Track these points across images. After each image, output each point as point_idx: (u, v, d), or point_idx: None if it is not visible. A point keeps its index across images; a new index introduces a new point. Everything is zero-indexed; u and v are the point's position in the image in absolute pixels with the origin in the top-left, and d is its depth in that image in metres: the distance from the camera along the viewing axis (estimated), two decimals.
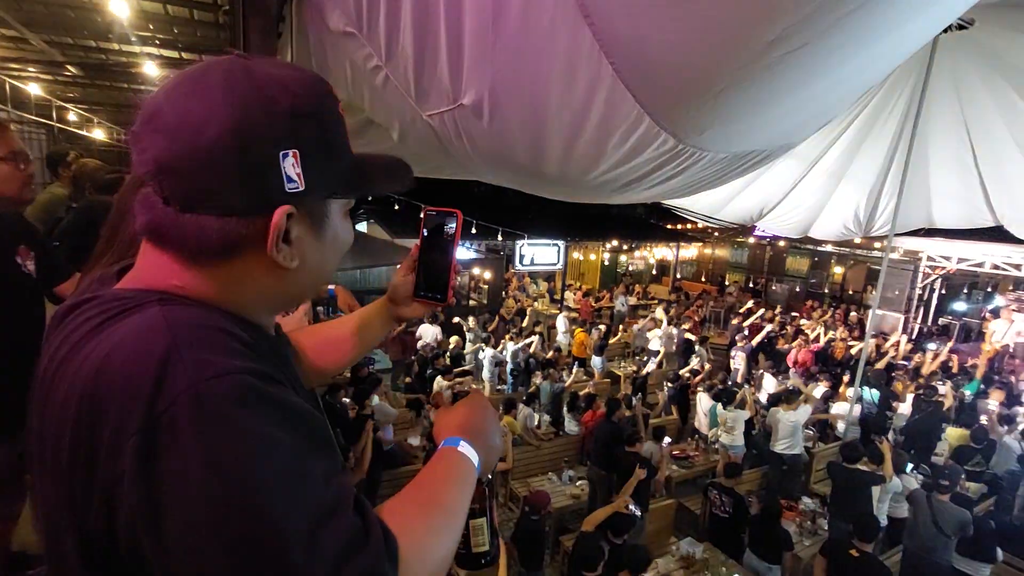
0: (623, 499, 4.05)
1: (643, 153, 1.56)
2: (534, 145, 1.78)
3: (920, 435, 6.64)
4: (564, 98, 1.47)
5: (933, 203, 8.04)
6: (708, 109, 1.32)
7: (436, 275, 0.99)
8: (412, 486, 0.71)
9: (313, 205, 0.66)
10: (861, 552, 3.91)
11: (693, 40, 1.17)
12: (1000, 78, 5.06)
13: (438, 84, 1.84)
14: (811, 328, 11.11)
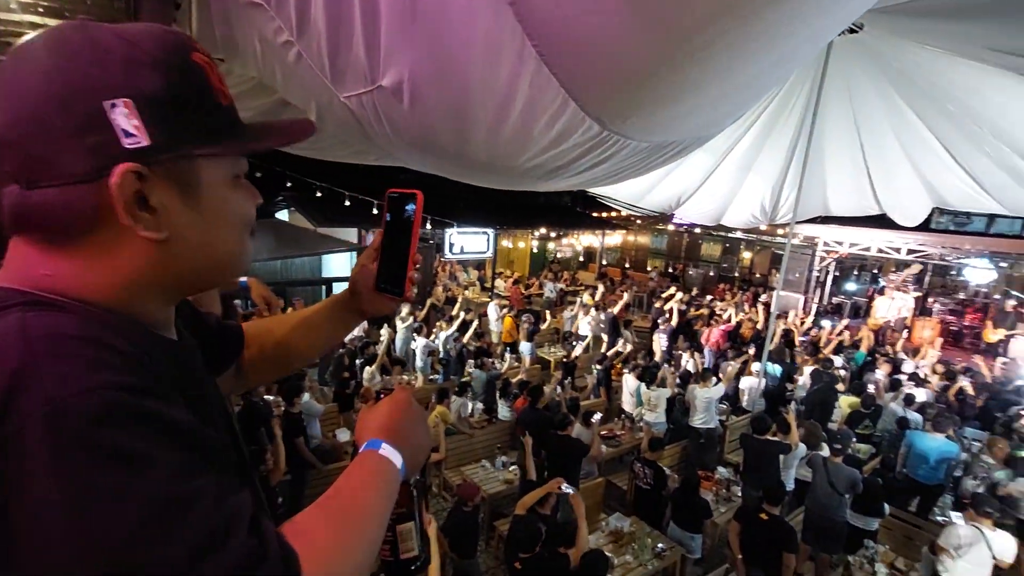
0: (555, 481, 4.10)
1: (569, 139, 1.54)
2: (458, 130, 1.71)
3: (818, 404, 7.22)
4: (487, 81, 1.42)
5: (828, 194, 8.69)
6: (632, 97, 1.32)
7: (395, 266, 0.90)
8: (325, 496, 0.65)
9: (174, 165, 0.58)
10: (770, 515, 4.21)
11: (617, 24, 1.15)
12: (886, 81, 5.49)
13: (354, 64, 1.72)
14: (723, 310, 11.77)
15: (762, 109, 6.29)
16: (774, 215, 9.49)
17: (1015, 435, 6.05)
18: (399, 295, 0.91)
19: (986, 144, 5.45)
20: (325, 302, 1.02)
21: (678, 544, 4.98)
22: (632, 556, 4.77)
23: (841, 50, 5.09)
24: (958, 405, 7.21)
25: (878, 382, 7.41)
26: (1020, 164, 5.39)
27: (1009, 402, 7.34)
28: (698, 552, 5.04)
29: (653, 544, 4.89)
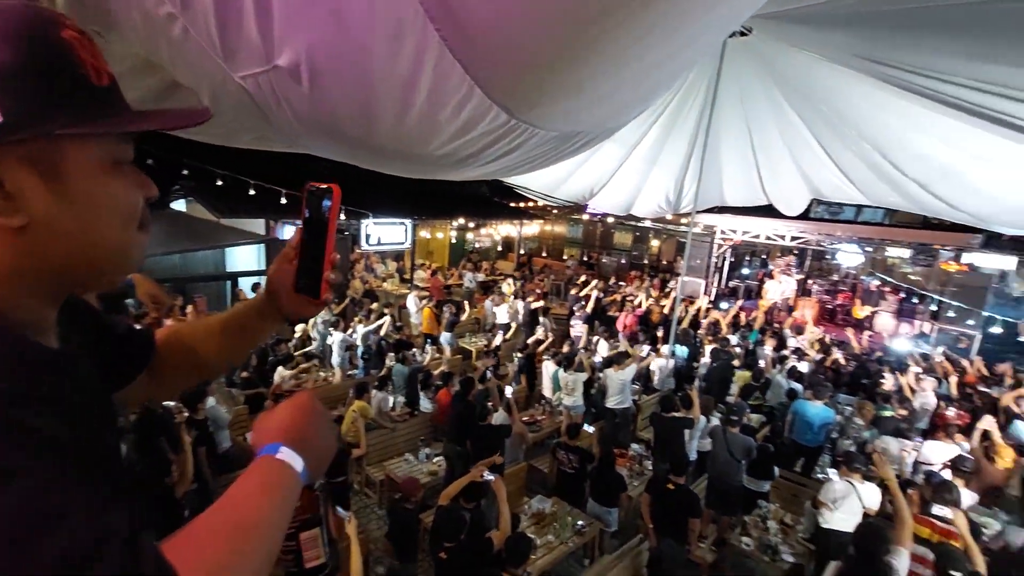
0: (478, 469, 4.11)
1: (477, 127, 1.51)
2: (363, 115, 1.63)
3: (717, 380, 7.78)
4: (390, 66, 1.36)
5: (724, 186, 9.31)
6: (537, 85, 1.32)
7: (313, 266, 0.82)
8: (213, 507, 0.60)
9: (34, 146, 0.52)
10: (676, 485, 4.48)
11: (519, 13, 1.14)
12: (772, 83, 5.93)
13: (247, 42, 1.59)
14: (635, 295, 12.33)
15: (664, 106, 6.59)
16: (677, 205, 10.04)
17: (878, 398, 6.84)
18: (314, 297, 0.84)
19: (853, 143, 6.06)
20: (243, 305, 0.95)
21: (596, 519, 5.18)
22: (554, 535, 4.91)
23: (734, 52, 5.43)
24: (833, 375, 8.05)
25: (766, 357, 8.10)
26: (879, 161, 6.04)
27: (874, 370, 8.30)
28: (615, 525, 5.27)
29: (573, 522, 5.06)
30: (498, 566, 3.51)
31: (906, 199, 7.07)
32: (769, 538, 5.02)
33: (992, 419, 5.97)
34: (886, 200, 7.75)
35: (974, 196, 6.02)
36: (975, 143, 4.68)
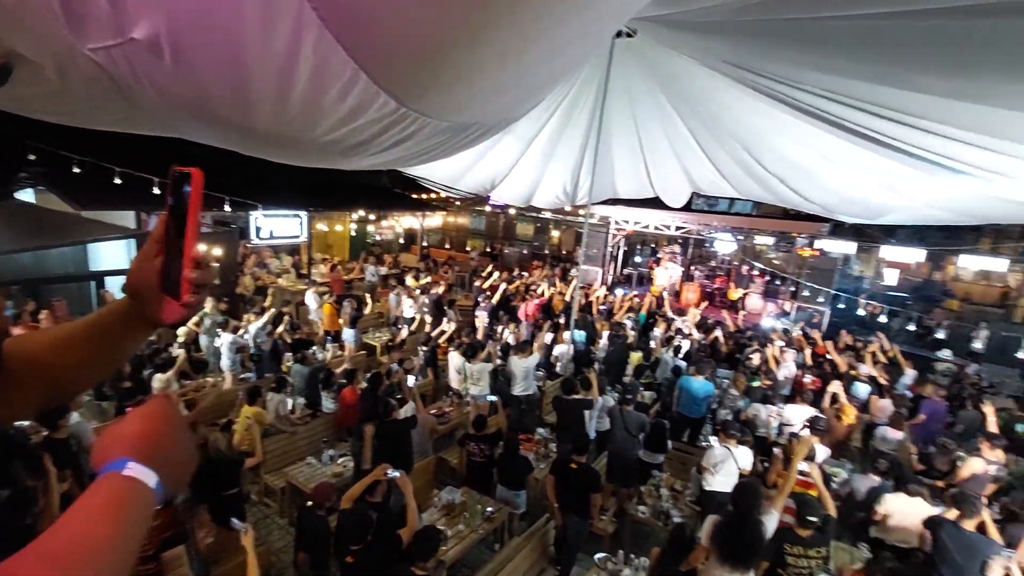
0: (380, 468, 3.98)
1: (365, 114, 1.44)
2: (238, 96, 1.49)
3: (614, 362, 8.20)
4: (265, 43, 1.24)
5: (616, 179, 9.78)
6: (424, 73, 1.27)
7: (173, 262, 0.71)
8: (47, 532, 0.51)
9: None
10: (578, 464, 4.67)
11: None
12: (655, 83, 6.30)
13: (95, 9, 1.38)
14: (537, 285, 12.62)
15: (558, 102, 6.76)
16: (574, 197, 10.39)
17: (748, 371, 7.60)
18: (176, 297, 0.73)
19: (725, 142, 6.62)
20: (107, 309, 0.81)
21: (505, 503, 5.27)
22: (464, 524, 4.91)
23: (621, 53, 5.68)
24: (712, 351, 8.80)
25: (656, 338, 8.68)
26: (747, 158, 6.66)
27: (746, 345, 9.19)
28: (523, 507, 5.39)
29: (483, 509, 5.10)
30: (408, 562, 3.45)
31: (769, 192, 7.87)
32: (662, 504, 5.41)
33: (839, 383, 6.87)
34: (753, 193, 8.57)
35: (822, 190, 6.84)
36: (823, 145, 5.30)
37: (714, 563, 3.43)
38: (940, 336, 9.77)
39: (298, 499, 5.38)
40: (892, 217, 7.24)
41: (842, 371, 7.81)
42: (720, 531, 3.43)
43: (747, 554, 3.38)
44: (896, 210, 6.55)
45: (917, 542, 4.47)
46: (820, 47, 2.95)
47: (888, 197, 6.03)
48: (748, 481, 3.84)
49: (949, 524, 4.02)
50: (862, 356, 8.57)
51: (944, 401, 7.24)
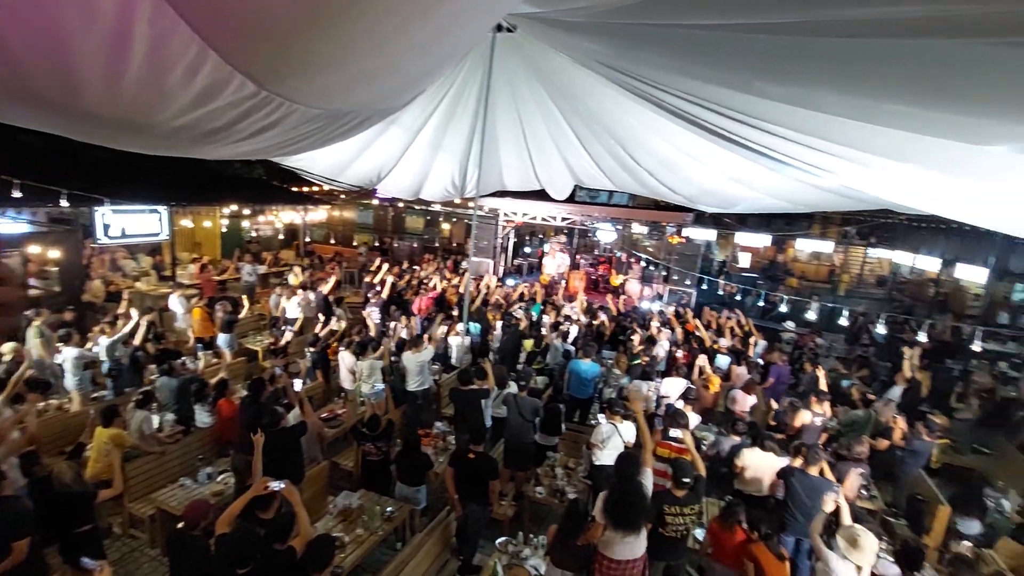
0: (261, 483, 3.65)
1: (220, 96, 1.29)
2: (59, 74, 1.26)
3: (509, 351, 8.35)
4: (85, 14, 1.05)
5: (504, 172, 9.92)
6: (284, 55, 1.16)
7: None
8: None
9: None
10: (476, 453, 4.70)
11: None
12: (536, 79, 6.46)
13: None
14: (429, 278, 12.45)
15: (443, 94, 6.67)
16: (463, 189, 10.37)
17: (629, 351, 8.14)
18: None
19: (602, 137, 6.98)
20: None
21: (405, 501, 5.16)
22: (363, 528, 4.73)
23: (503, 48, 5.73)
24: (598, 335, 9.30)
25: (546, 325, 8.98)
26: (621, 153, 7.08)
27: (627, 327, 9.83)
28: (424, 502, 5.31)
29: (382, 510, 4.95)
30: (302, 574, 3.25)
31: (641, 185, 8.46)
32: (557, 483, 5.62)
33: (705, 357, 7.60)
34: (628, 186, 9.16)
35: (685, 183, 7.48)
36: (685, 142, 5.79)
37: (609, 532, 3.64)
38: (783, 310, 11.19)
39: (172, 525, 4.82)
40: (743, 206, 8.12)
41: (707, 345, 8.66)
42: (609, 503, 3.65)
43: (635, 516, 3.64)
44: (745, 200, 7.35)
45: (768, 490, 5.11)
46: (681, 53, 3.20)
47: (738, 189, 6.74)
48: (628, 451, 4.12)
49: (798, 472, 4.64)
50: (722, 331, 9.56)
51: (788, 365, 8.33)
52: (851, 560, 3.63)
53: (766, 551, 3.92)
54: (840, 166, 3.97)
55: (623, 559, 3.64)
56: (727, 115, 3.80)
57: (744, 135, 4.24)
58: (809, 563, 4.54)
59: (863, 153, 3.37)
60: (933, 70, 2.03)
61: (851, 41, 1.95)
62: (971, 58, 1.89)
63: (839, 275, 20.98)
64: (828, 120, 2.94)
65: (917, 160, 3.19)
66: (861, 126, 2.81)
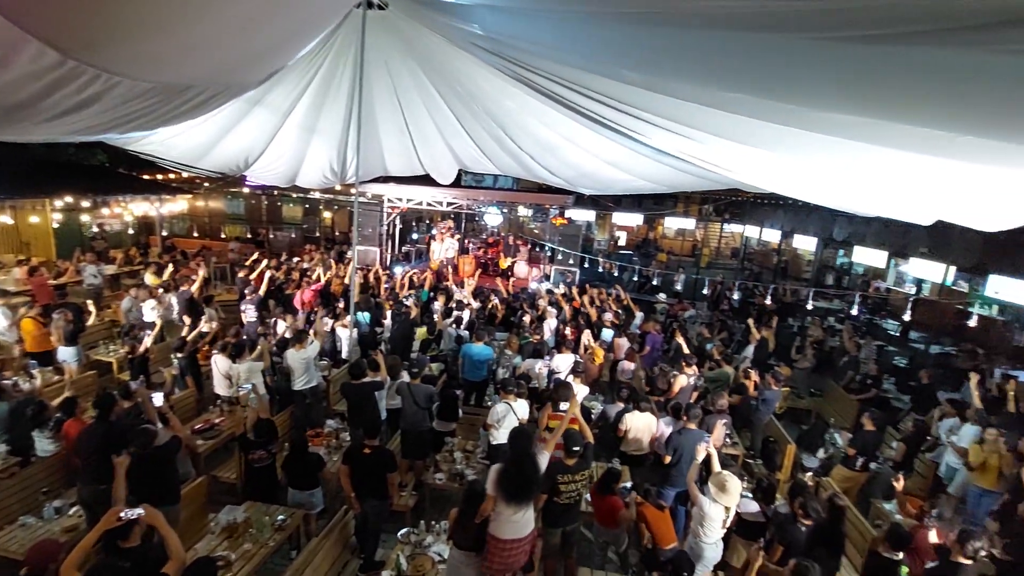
0: (111, 514, 3.14)
1: (14, 67, 1.05)
2: None
3: (400, 340, 8.16)
4: None
5: (385, 156, 9.55)
6: (86, 18, 0.97)
7: None
8: None
9: None
10: (372, 447, 4.54)
11: None
12: (413, 60, 6.25)
13: None
14: (312, 270, 11.72)
15: (312, 72, 6.23)
16: (343, 175, 9.84)
17: (520, 331, 8.35)
18: None
19: (483, 120, 6.98)
20: None
21: (299, 507, 4.87)
22: (251, 542, 4.39)
23: (376, 26, 5.46)
24: (490, 318, 9.41)
25: (438, 312, 8.89)
26: (503, 136, 7.14)
27: (518, 308, 10.06)
28: (320, 504, 5.05)
29: (272, 520, 4.62)
30: None
31: (523, 168, 8.62)
32: (457, 467, 5.64)
33: (589, 332, 8.02)
34: (511, 169, 9.29)
35: (566, 166, 7.75)
36: (562, 126, 5.97)
37: (501, 506, 3.70)
38: (655, 283, 12.15)
39: (13, 573, 4.10)
40: (618, 188, 8.62)
41: (593, 320, 9.15)
42: (501, 476, 3.71)
43: (527, 489, 3.72)
44: (619, 182, 7.80)
45: (648, 449, 5.57)
46: (551, 39, 3.26)
47: (613, 172, 7.13)
48: (519, 427, 4.24)
49: (683, 429, 5.11)
50: (604, 306, 10.16)
51: (660, 333, 9.08)
52: (720, 503, 4.08)
53: (649, 506, 4.30)
54: (694, 148, 4.35)
55: (510, 539, 3.69)
56: (596, 99, 3.97)
57: (611, 118, 4.47)
58: (684, 508, 5.03)
59: (712, 136, 3.71)
60: (762, 62, 2.27)
61: (693, 32, 2.11)
62: (795, 52, 2.14)
63: (701, 249, 23.21)
64: (681, 105, 3.19)
65: (755, 143, 3.58)
66: (707, 110, 3.08)
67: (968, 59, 1.73)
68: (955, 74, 1.85)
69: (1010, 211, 3.50)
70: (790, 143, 3.39)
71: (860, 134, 2.85)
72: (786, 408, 8.36)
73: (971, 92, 1.99)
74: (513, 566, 3.77)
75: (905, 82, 2.07)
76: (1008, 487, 5.32)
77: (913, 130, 2.52)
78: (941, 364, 10.81)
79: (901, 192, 3.96)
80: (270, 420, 5.24)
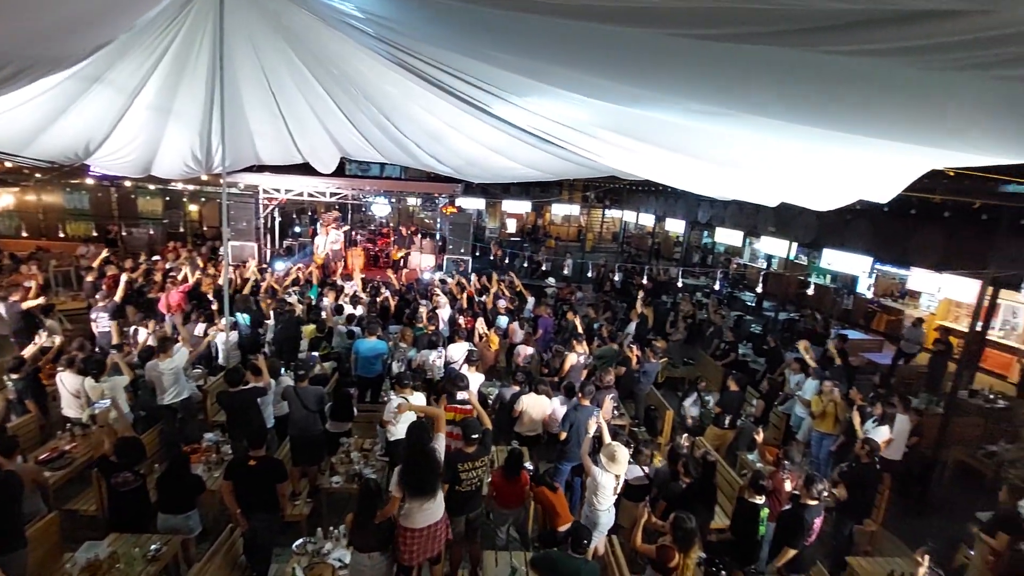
0: None
1: None
2: None
3: (286, 340, 7.62)
4: None
5: (257, 144, 8.77)
6: None
7: None
8: None
9: None
10: (257, 458, 4.21)
11: None
12: (282, 39, 5.74)
13: None
14: (178, 270, 10.53)
15: (159, 48, 5.52)
16: (209, 165, 8.89)
17: (414, 323, 8.19)
18: None
19: (364, 106, 6.64)
20: None
21: (174, 533, 4.39)
22: None
23: (236, 1, 4.95)
24: (383, 311, 9.11)
25: (327, 308, 8.44)
26: (385, 123, 6.87)
27: (411, 300, 9.86)
28: (199, 527, 4.60)
29: (144, 551, 4.12)
30: None
31: (410, 156, 8.38)
32: (354, 468, 5.42)
33: (482, 320, 8.09)
34: (397, 158, 8.99)
35: (452, 154, 7.67)
36: (445, 113, 5.87)
37: (408, 502, 3.65)
38: (545, 268, 12.56)
39: None
40: (504, 176, 8.71)
41: (488, 308, 9.23)
42: (404, 473, 3.65)
43: (430, 481, 3.70)
44: (505, 170, 7.88)
45: (541, 429, 5.77)
46: (422, 18, 3.16)
47: (499, 160, 7.18)
48: (416, 420, 4.18)
49: (576, 406, 5.33)
50: (498, 293, 10.30)
51: (552, 316, 9.42)
52: (611, 472, 4.35)
53: (544, 489, 4.47)
54: (569, 135, 4.50)
55: (424, 526, 3.71)
56: (474, 84, 3.95)
57: (496, 108, 4.49)
58: (580, 479, 5.30)
59: (585, 123, 3.87)
60: (625, 52, 2.40)
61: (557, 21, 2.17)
62: (659, 46, 2.28)
63: (585, 234, 24.39)
64: (556, 92, 3.27)
65: (625, 131, 3.80)
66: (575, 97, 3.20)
67: (795, 56, 1.96)
68: (786, 69, 2.10)
69: (837, 192, 4.09)
70: (655, 130, 3.63)
71: (714, 122, 3.13)
72: (664, 378, 9.12)
73: (799, 86, 2.27)
74: (427, 553, 3.75)
75: (748, 75, 2.31)
76: (842, 429, 6.29)
77: (757, 119, 2.83)
78: (787, 328, 12.45)
79: (750, 177, 4.44)
80: (135, 439, 4.65)
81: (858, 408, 6.05)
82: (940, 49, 1.59)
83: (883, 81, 2.05)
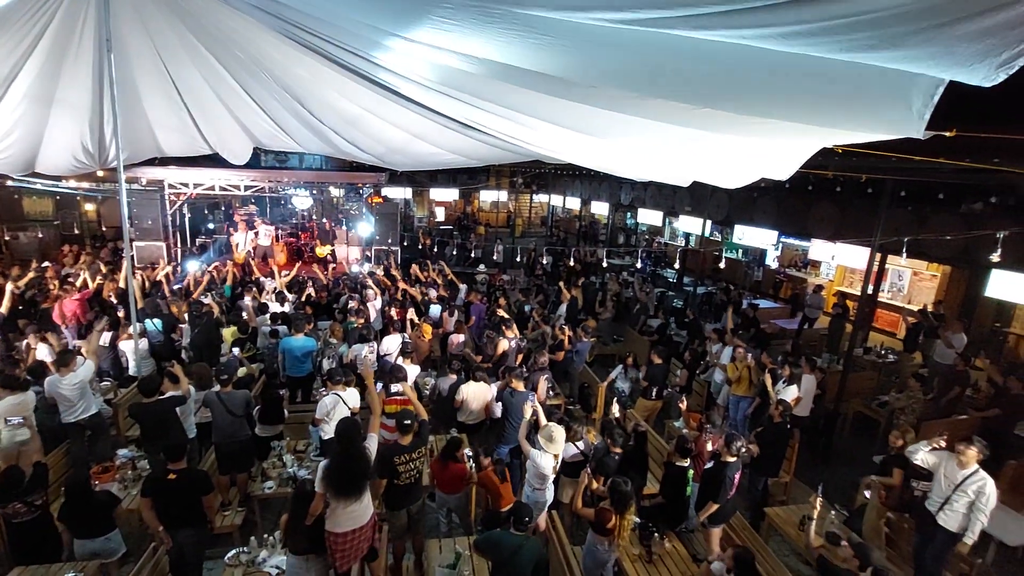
0: None
1: None
2: None
3: (204, 345, 7.13)
4: None
5: (157, 134, 8.03)
6: None
7: None
8: None
9: None
10: (178, 471, 3.93)
11: None
12: (178, 19, 5.24)
13: None
14: (75, 275, 9.53)
15: (34, 29, 4.90)
16: (103, 158, 8.05)
17: (343, 317, 7.92)
18: None
19: (276, 92, 6.23)
20: None
21: (92, 558, 4.06)
22: None
23: None
24: (310, 307, 8.73)
25: (248, 308, 7.97)
26: (300, 109, 6.49)
27: (340, 295, 9.52)
28: (121, 548, 4.28)
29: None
30: None
31: (330, 145, 8.00)
32: (288, 471, 5.20)
33: (413, 311, 7.96)
34: (316, 147, 8.53)
35: (374, 141, 7.39)
36: (361, 98, 5.62)
37: (333, 501, 3.50)
38: (476, 255, 12.53)
39: None
40: (429, 163, 8.52)
41: (419, 299, 9.09)
42: (328, 471, 3.50)
43: (356, 480, 3.54)
44: (430, 156, 7.71)
45: (483, 416, 5.80)
46: None
47: (422, 146, 7.01)
48: (345, 418, 4.07)
49: (511, 390, 5.37)
50: (429, 282, 10.17)
51: (484, 303, 9.44)
52: (549, 452, 4.45)
53: (489, 474, 4.51)
54: (489, 120, 4.48)
55: (348, 530, 3.55)
56: (390, 70, 3.83)
57: (413, 93, 4.37)
58: (517, 461, 5.38)
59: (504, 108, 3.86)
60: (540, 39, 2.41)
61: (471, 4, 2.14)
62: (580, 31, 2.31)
63: (515, 219, 24.54)
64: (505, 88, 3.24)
65: (545, 116, 3.83)
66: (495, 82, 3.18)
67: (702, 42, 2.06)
68: (693, 55, 2.20)
69: (743, 171, 4.34)
70: (573, 115, 3.69)
71: (627, 107, 3.23)
72: (595, 356, 9.42)
73: (703, 70, 2.38)
74: (357, 555, 3.64)
75: (658, 60, 2.39)
76: (757, 392, 6.79)
77: (666, 103, 2.94)
78: (705, 301, 13.23)
79: (663, 158, 4.62)
80: (16, 467, 4.18)
81: (769, 371, 6.54)
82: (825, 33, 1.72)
83: (776, 64, 2.19)
